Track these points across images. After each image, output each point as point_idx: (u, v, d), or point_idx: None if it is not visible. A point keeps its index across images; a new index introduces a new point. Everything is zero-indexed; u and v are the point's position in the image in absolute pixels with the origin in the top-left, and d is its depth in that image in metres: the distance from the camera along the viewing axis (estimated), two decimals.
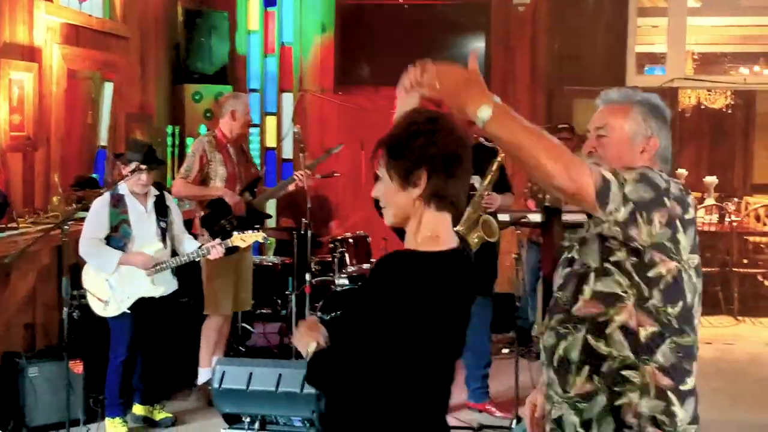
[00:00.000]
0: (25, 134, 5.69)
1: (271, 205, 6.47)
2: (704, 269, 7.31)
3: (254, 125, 6.55)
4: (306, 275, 5.96)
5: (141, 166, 5.16)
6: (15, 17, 5.57)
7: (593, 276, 2.31)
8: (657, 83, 7.86)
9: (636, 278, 2.25)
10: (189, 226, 5.88)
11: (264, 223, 6.20)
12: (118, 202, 5.26)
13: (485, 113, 2.05)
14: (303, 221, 5.93)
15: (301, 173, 5.88)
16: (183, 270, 5.61)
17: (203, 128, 7.47)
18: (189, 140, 7.61)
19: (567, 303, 2.37)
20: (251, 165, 6.15)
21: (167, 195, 5.58)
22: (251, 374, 4.66)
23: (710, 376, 6.60)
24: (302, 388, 4.54)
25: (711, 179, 10.53)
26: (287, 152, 8.55)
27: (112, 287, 5.20)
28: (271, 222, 7.61)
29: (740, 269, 9.18)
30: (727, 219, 9.37)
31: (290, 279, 6.64)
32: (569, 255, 2.43)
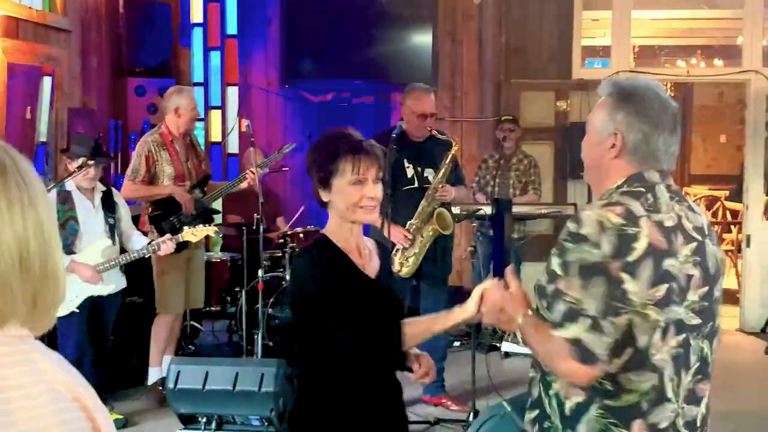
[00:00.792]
0: None
1: (218, 201, 6.37)
2: None
3: (199, 119, 6.44)
4: (259, 271, 5.88)
5: (88, 162, 5.03)
6: None
7: None
8: (602, 76, 7.90)
9: None
10: (136, 224, 5.76)
11: (213, 220, 6.10)
12: (66, 199, 5.12)
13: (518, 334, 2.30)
14: (255, 217, 5.84)
15: (253, 171, 5.78)
16: (132, 267, 5.49)
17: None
18: (132, 135, 7.47)
19: None
20: (201, 161, 6.04)
21: (114, 191, 5.45)
22: (207, 373, 4.58)
23: None
24: (260, 387, 4.48)
25: None
26: (233, 146, 8.43)
27: None
28: (218, 218, 7.49)
29: None
30: None
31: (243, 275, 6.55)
32: None
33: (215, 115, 8.44)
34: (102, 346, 5.32)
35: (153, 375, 5.84)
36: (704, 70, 10.31)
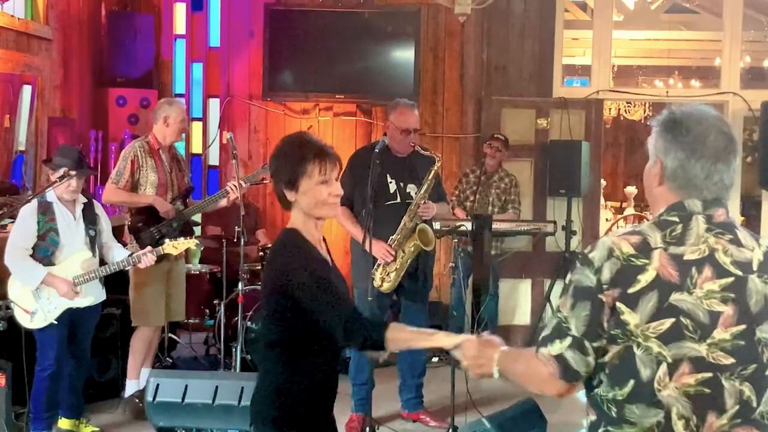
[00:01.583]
0: None
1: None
2: None
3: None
4: (239, 284, 5.86)
5: (71, 172, 5.00)
6: None
7: None
8: (582, 95, 7.99)
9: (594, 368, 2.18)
10: (119, 234, 5.73)
11: (193, 232, 6.08)
12: (47, 210, 5.08)
13: (496, 374, 2.39)
14: (236, 230, 5.82)
15: (234, 184, 5.77)
16: (110, 279, 5.45)
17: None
18: (113, 145, 7.44)
19: None
20: (185, 175, 6.03)
21: (96, 203, 5.42)
22: (187, 386, 4.54)
23: None
24: (240, 401, 4.45)
25: (631, 189, 10.83)
26: (214, 159, 8.41)
27: (39, 298, 5.03)
28: (197, 229, 7.46)
29: None
30: None
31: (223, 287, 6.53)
32: None
33: (196, 127, 8.42)
34: (80, 358, 5.28)
35: (130, 387, 5.80)
36: (683, 91, 10.43)
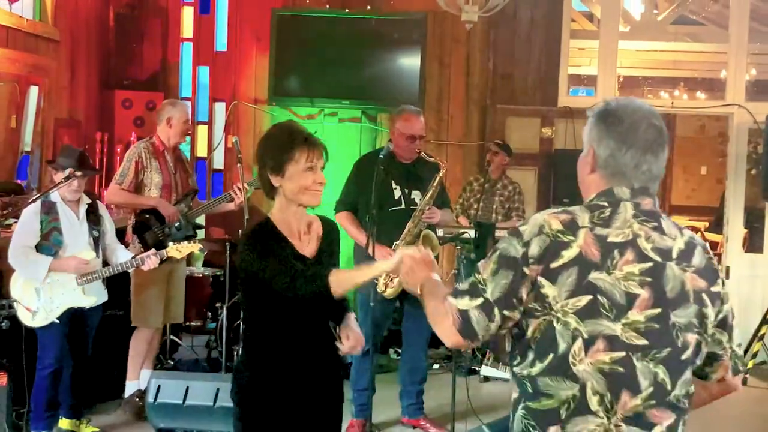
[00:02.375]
0: None
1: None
2: None
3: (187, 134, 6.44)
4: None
5: (76, 173, 5.02)
6: None
7: None
8: (588, 104, 7.98)
9: (516, 345, 2.23)
10: (122, 236, 5.74)
11: (196, 235, 6.09)
12: (50, 210, 5.10)
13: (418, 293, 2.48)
14: (240, 232, 5.82)
15: (239, 187, 5.78)
16: (111, 281, 5.46)
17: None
18: (118, 147, 7.46)
19: None
20: (189, 176, 6.04)
21: (100, 204, 5.44)
22: (188, 388, 4.55)
23: None
24: None
25: None
26: (218, 162, 8.43)
27: (41, 297, 5.04)
28: (201, 232, 7.47)
29: None
30: None
31: (225, 290, 6.53)
32: None
33: (202, 131, 8.44)
34: (81, 358, 5.29)
35: (130, 388, 5.80)
36: (689, 102, 10.43)
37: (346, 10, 8.08)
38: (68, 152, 5.24)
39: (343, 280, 2.87)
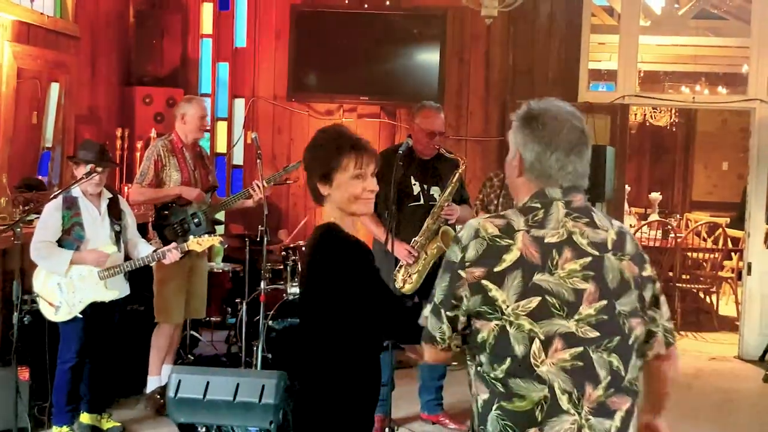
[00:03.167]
0: None
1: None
2: None
3: (206, 130, 6.45)
4: (261, 283, 5.88)
5: (97, 169, 5.05)
6: None
7: None
8: (608, 99, 7.97)
9: (470, 347, 2.26)
10: (144, 231, 5.76)
11: (215, 230, 6.11)
12: (72, 205, 5.13)
13: None
14: (259, 228, 5.84)
15: (258, 184, 5.78)
16: (133, 276, 5.48)
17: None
18: (138, 143, 7.48)
19: None
20: (209, 173, 6.05)
21: (121, 198, 5.46)
22: (208, 383, 4.55)
23: None
24: (260, 399, 4.46)
25: (656, 195, 10.75)
26: (238, 158, 8.45)
27: (64, 291, 5.07)
28: (221, 228, 7.50)
29: (682, 284, 9.37)
30: (671, 235, 9.54)
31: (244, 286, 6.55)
32: None
33: (221, 127, 8.46)
34: (102, 353, 5.32)
35: (151, 384, 5.83)
36: (710, 97, 10.34)
37: (366, 6, 8.08)
38: (88, 147, 5.27)
39: None
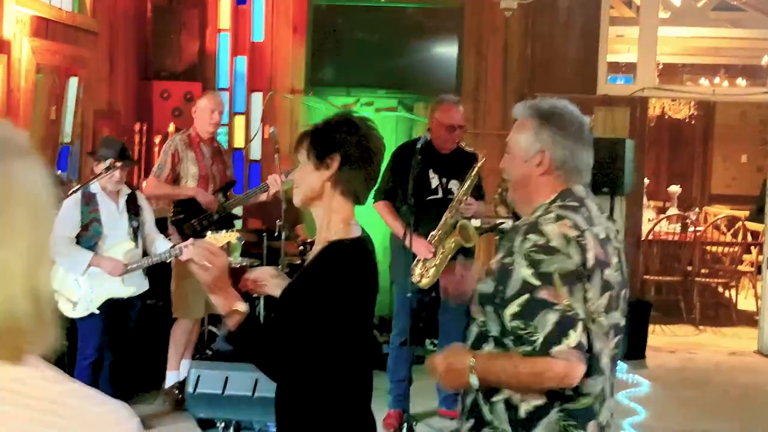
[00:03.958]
0: None
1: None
2: (667, 278, 7.35)
3: (222, 125, 6.45)
4: None
5: (116, 164, 5.06)
6: None
7: (492, 342, 2.28)
8: (627, 92, 7.92)
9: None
10: (163, 227, 5.77)
11: (234, 225, 6.11)
12: (90, 200, 5.14)
13: (474, 380, 2.26)
14: (277, 224, 5.84)
15: (275, 178, 5.77)
16: (152, 271, 5.49)
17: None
18: (156, 138, 7.50)
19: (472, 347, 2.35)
20: (227, 168, 6.06)
21: (139, 194, 5.47)
22: (227, 378, 4.57)
23: (677, 386, 6.65)
24: None
25: (675, 189, 10.67)
26: (255, 153, 8.45)
27: (82, 287, 5.08)
28: (238, 223, 7.50)
29: (701, 279, 9.30)
30: (690, 229, 9.48)
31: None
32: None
33: (239, 121, 8.45)
34: (121, 349, 5.33)
35: (170, 379, 5.84)
36: (729, 90, 10.27)
37: (383, 0, 8.06)
38: (109, 143, 5.29)
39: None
